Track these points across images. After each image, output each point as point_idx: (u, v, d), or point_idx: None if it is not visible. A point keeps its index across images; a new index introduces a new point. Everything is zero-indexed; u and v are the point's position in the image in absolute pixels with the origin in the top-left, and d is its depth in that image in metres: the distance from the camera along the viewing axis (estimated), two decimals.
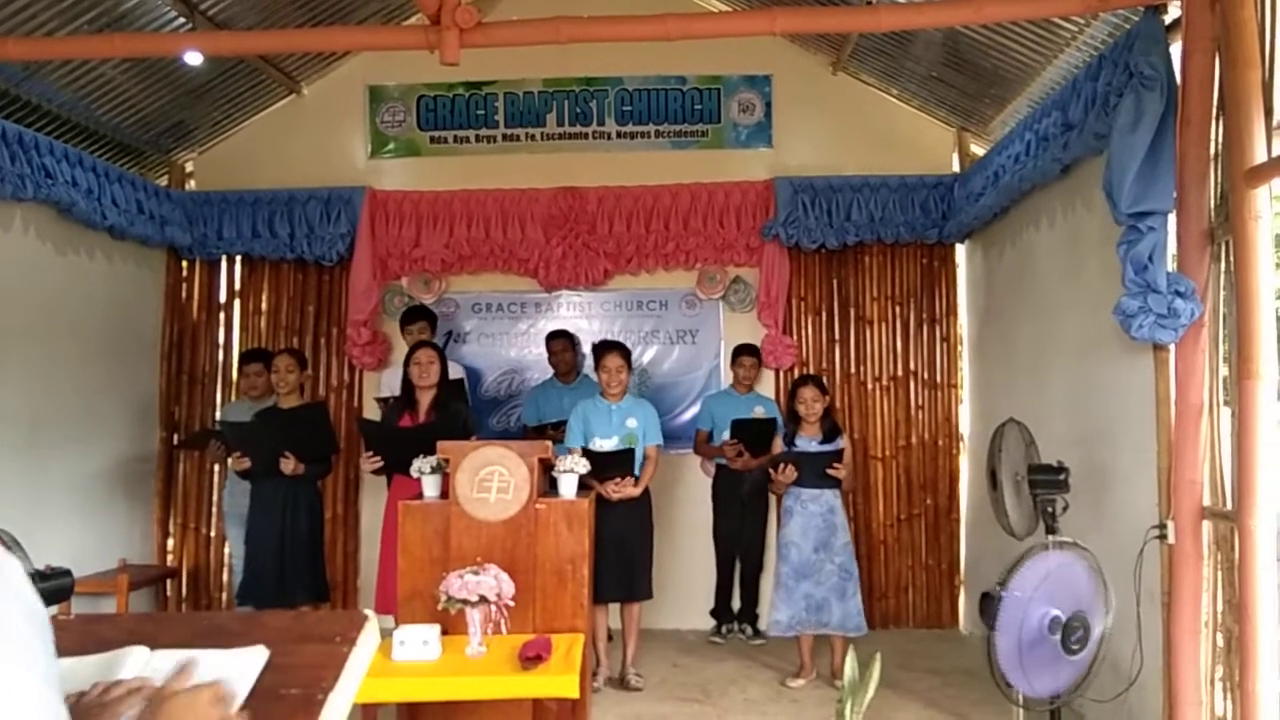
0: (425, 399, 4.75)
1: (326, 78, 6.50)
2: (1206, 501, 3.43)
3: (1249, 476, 3.09)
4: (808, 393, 5.03)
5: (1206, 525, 3.43)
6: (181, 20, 5.01)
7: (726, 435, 5.74)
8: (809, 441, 5.00)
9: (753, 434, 5.59)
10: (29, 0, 4.39)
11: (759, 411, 5.77)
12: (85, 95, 5.32)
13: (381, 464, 4.66)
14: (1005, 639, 3.38)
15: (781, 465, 4.87)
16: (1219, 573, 3.44)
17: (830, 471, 4.88)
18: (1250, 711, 3.05)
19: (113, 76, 5.30)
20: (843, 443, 5.04)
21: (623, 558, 4.78)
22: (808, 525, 4.90)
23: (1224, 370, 3.48)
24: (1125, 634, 3.70)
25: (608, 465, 4.69)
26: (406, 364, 4.82)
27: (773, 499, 5.82)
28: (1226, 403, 3.43)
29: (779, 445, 5.12)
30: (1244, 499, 3.10)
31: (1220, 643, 3.42)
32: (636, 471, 4.86)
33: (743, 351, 5.96)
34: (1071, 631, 3.39)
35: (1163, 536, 3.54)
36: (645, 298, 6.45)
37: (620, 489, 4.74)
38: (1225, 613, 3.39)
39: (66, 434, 5.29)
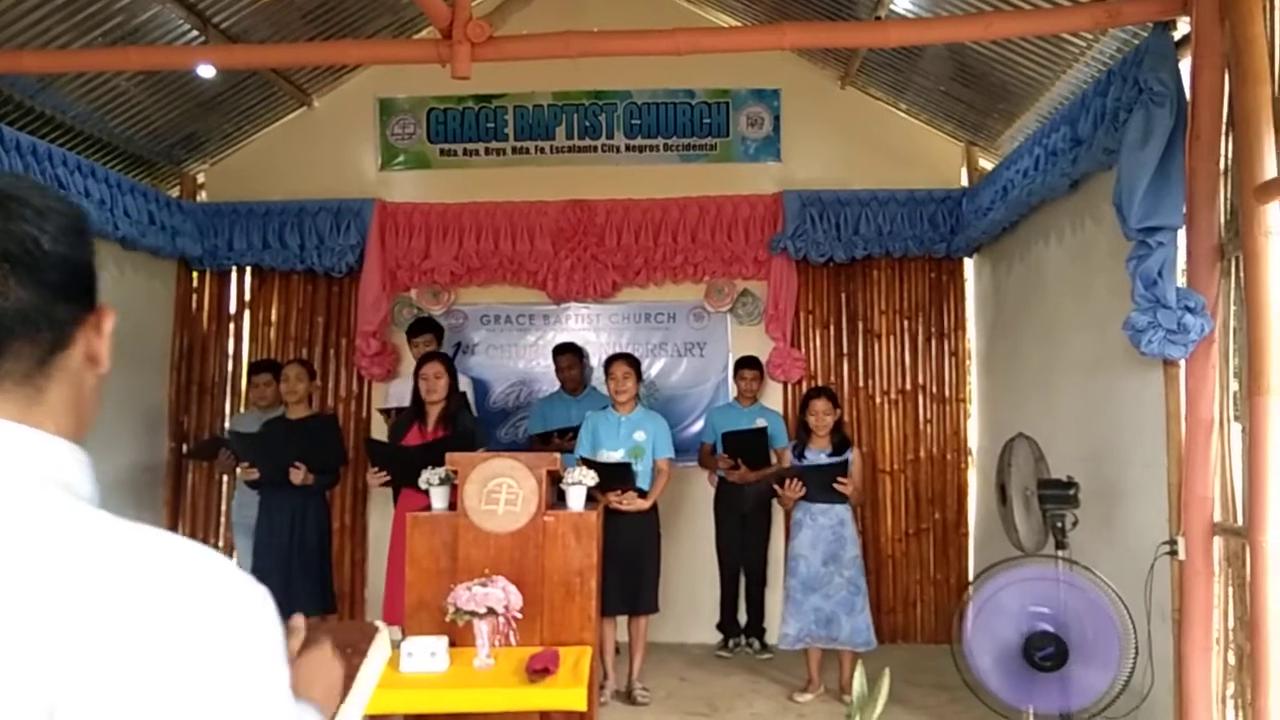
0: (434, 411, 4.74)
1: (337, 90, 6.54)
2: (1217, 517, 3.41)
3: (1260, 492, 3.08)
4: (819, 405, 5.02)
5: (1217, 541, 3.41)
6: (195, 33, 5.05)
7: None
8: (818, 454, 4.99)
9: (742, 445, 5.58)
10: (45, 14, 4.43)
11: (760, 424, 5.74)
12: (99, 107, 5.36)
13: (389, 479, 4.66)
14: (977, 647, 3.42)
15: (788, 480, 4.86)
16: (1230, 589, 3.42)
17: (836, 486, 4.87)
18: None
19: (126, 89, 5.34)
20: (851, 455, 5.03)
21: (630, 570, 4.77)
22: (817, 538, 4.89)
23: (1234, 386, 3.47)
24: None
25: (606, 478, 4.67)
26: (416, 376, 4.82)
27: (778, 512, 5.81)
28: (1237, 418, 3.42)
29: (787, 458, 5.10)
30: (1255, 515, 3.09)
31: (1232, 660, 3.40)
32: (639, 483, 4.84)
33: (744, 364, 5.96)
34: (1038, 647, 3.38)
35: (1173, 552, 3.53)
36: (653, 310, 6.46)
37: (624, 501, 4.72)
38: (1237, 630, 3.37)
39: None
